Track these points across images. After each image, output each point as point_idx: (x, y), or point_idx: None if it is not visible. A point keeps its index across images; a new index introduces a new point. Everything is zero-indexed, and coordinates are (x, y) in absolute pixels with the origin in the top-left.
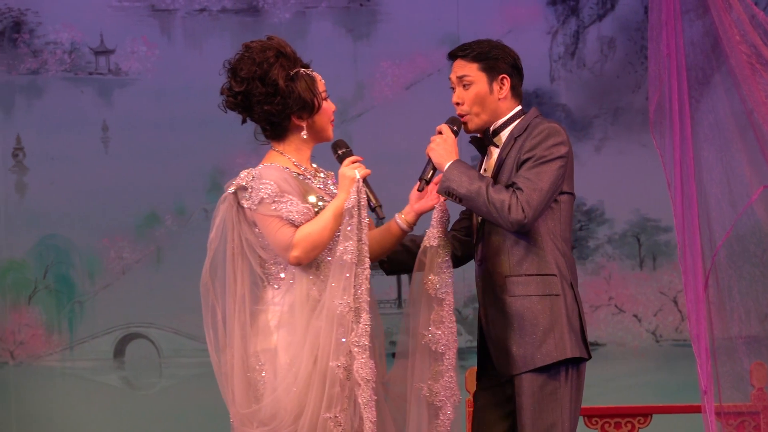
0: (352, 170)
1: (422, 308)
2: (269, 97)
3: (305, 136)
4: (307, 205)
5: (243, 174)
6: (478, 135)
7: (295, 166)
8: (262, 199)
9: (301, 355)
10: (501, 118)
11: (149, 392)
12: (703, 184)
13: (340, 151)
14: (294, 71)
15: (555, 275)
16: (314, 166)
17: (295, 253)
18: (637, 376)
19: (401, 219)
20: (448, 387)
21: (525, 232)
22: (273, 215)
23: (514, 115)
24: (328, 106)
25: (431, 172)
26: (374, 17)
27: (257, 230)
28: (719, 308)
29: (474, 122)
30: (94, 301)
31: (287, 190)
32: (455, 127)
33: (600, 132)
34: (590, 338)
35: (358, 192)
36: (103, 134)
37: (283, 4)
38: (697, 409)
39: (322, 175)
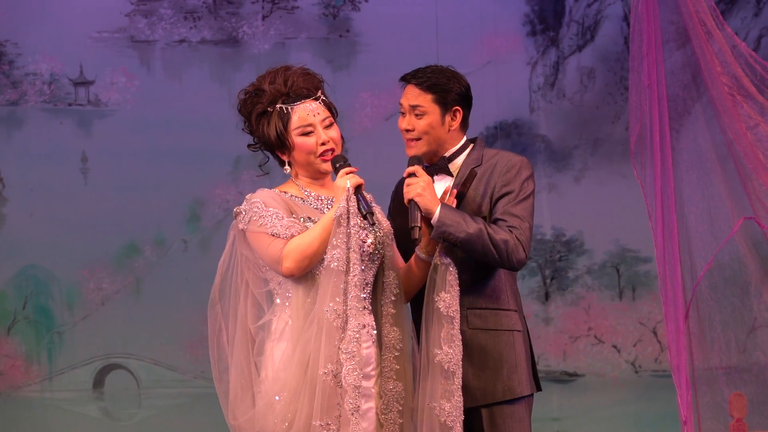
0: (344, 180)
1: (434, 326)
2: (251, 132)
3: (288, 172)
4: (293, 219)
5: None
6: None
7: (300, 189)
8: (251, 218)
9: (291, 363)
10: (450, 147)
11: (128, 423)
12: (684, 214)
13: (337, 165)
14: (272, 108)
15: (515, 311)
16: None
17: (286, 264)
18: (617, 406)
19: (420, 251)
20: (457, 407)
21: (488, 266)
22: (261, 231)
23: (464, 145)
24: (302, 142)
25: (419, 215)
26: (354, 48)
27: (254, 251)
28: (700, 339)
29: (419, 149)
30: (73, 331)
31: (272, 205)
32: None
33: (580, 162)
34: (570, 369)
35: (347, 201)
36: (83, 165)
37: (263, 36)
38: None
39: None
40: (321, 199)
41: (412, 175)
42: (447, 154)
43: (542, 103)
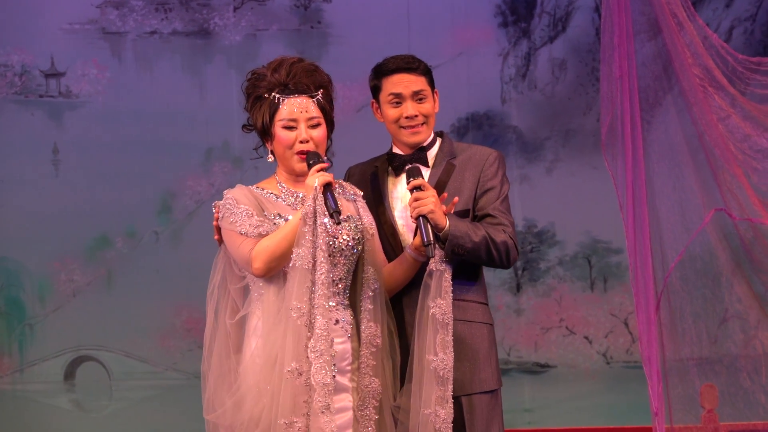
0: (313, 179)
1: (428, 332)
2: (248, 114)
3: (270, 160)
4: (262, 218)
5: None
6: (400, 152)
7: (277, 185)
8: (224, 214)
9: (259, 361)
10: (431, 135)
11: (100, 415)
12: (656, 206)
13: (310, 162)
14: (268, 95)
15: (487, 304)
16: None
17: (255, 264)
18: (588, 397)
19: (413, 250)
20: (449, 414)
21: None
22: (232, 229)
23: (434, 136)
24: (283, 135)
25: (431, 230)
26: (325, 40)
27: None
28: (671, 330)
29: (427, 134)
30: (44, 323)
31: (243, 202)
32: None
33: (551, 154)
34: (541, 360)
35: (314, 199)
36: (54, 157)
37: (234, 27)
38: (647, 431)
39: (339, 190)
40: (296, 196)
41: (417, 188)
42: (424, 144)
43: (514, 95)
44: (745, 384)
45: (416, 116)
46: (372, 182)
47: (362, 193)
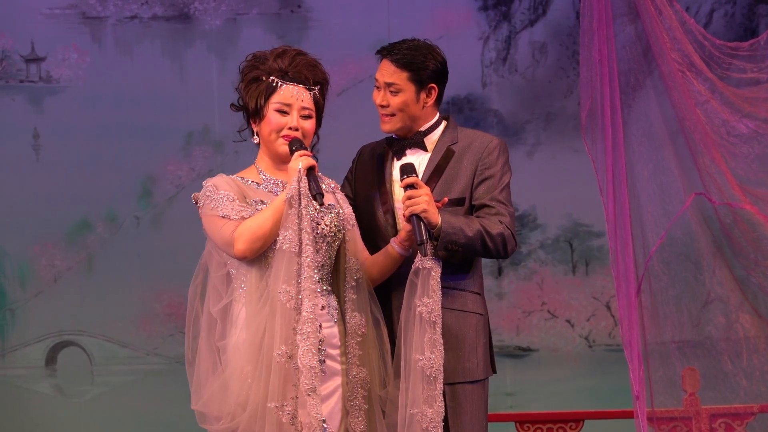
0: (297, 162)
1: (415, 331)
2: (238, 92)
3: (256, 142)
4: (244, 205)
5: None
6: (394, 135)
7: (258, 174)
8: (204, 202)
9: (245, 346)
10: (424, 123)
11: (81, 400)
12: (636, 189)
13: (294, 148)
14: (265, 78)
15: (480, 294)
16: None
17: (237, 245)
18: (570, 381)
19: (398, 244)
20: (438, 413)
21: None
22: (213, 214)
23: (438, 120)
24: (273, 117)
25: (424, 229)
26: (305, 24)
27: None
28: (652, 313)
29: (394, 125)
30: (25, 308)
31: (224, 188)
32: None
33: (532, 137)
34: (523, 343)
35: (299, 182)
36: (34, 142)
37: (214, 11)
38: (629, 415)
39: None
40: (277, 183)
41: (410, 186)
42: (422, 129)
43: (494, 78)
44: (727, 367)
45: (385, 106)
46: (378, 163)
47: (340, 187)
